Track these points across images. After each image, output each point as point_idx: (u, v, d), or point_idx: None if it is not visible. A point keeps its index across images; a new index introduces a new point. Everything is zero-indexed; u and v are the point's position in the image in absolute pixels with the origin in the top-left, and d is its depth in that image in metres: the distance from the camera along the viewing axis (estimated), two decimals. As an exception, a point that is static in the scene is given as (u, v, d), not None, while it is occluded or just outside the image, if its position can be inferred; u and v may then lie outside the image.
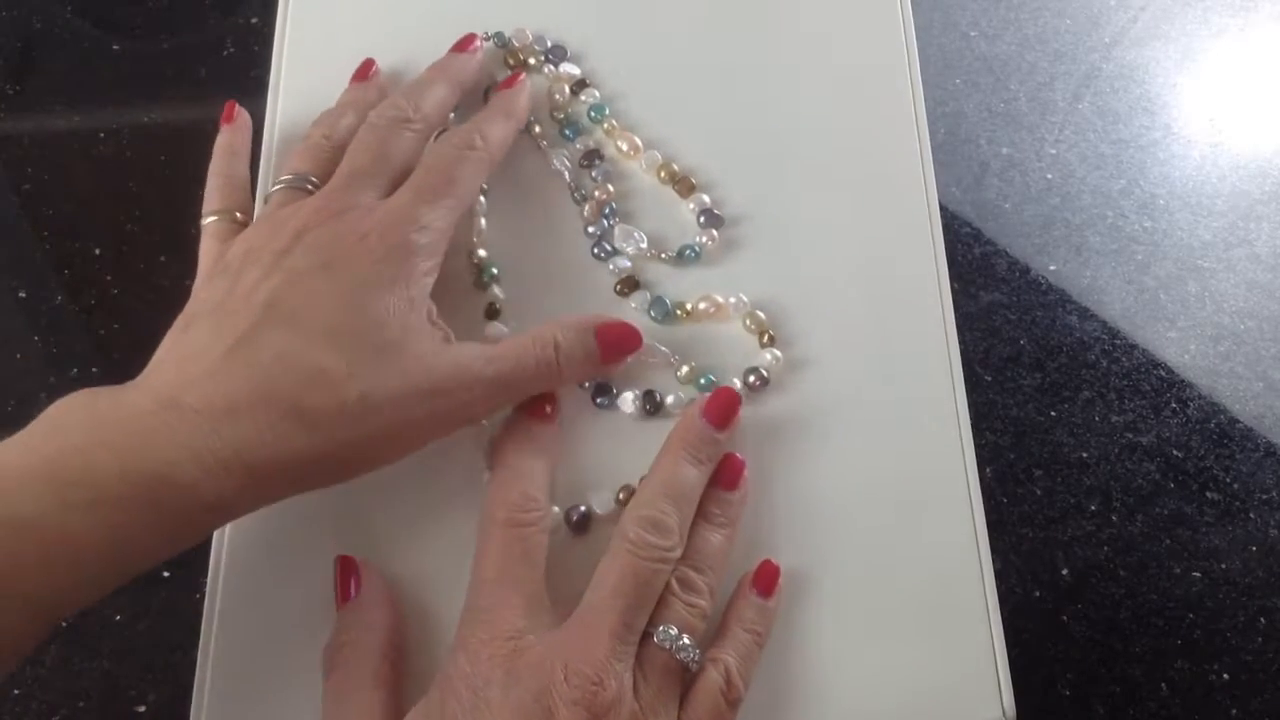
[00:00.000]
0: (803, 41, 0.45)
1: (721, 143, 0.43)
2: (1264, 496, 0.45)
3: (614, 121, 0.43)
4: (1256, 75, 0.55)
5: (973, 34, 0.55)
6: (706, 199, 0.41)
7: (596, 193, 0.42)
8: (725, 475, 0.36)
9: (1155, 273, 0.50)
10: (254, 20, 0.53)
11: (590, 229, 0.41)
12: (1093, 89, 0.54)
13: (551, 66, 0.44)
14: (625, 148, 0.42)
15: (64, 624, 0.41)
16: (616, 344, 0.37)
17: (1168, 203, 0.51)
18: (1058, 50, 0.55)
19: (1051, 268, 0.49)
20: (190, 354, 0.33)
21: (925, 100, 0.44)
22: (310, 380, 0.32)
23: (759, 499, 0.37)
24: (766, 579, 0.35)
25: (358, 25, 0.45)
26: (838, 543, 0.36)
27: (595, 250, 0.41)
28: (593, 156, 0.42)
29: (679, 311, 0.40)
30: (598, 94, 0.44)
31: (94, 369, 0.46)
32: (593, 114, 0.43)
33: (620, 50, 0.44)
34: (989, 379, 0.46)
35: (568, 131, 0.43)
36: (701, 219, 0.41)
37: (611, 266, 0.40)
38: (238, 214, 0.39)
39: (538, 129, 0.43)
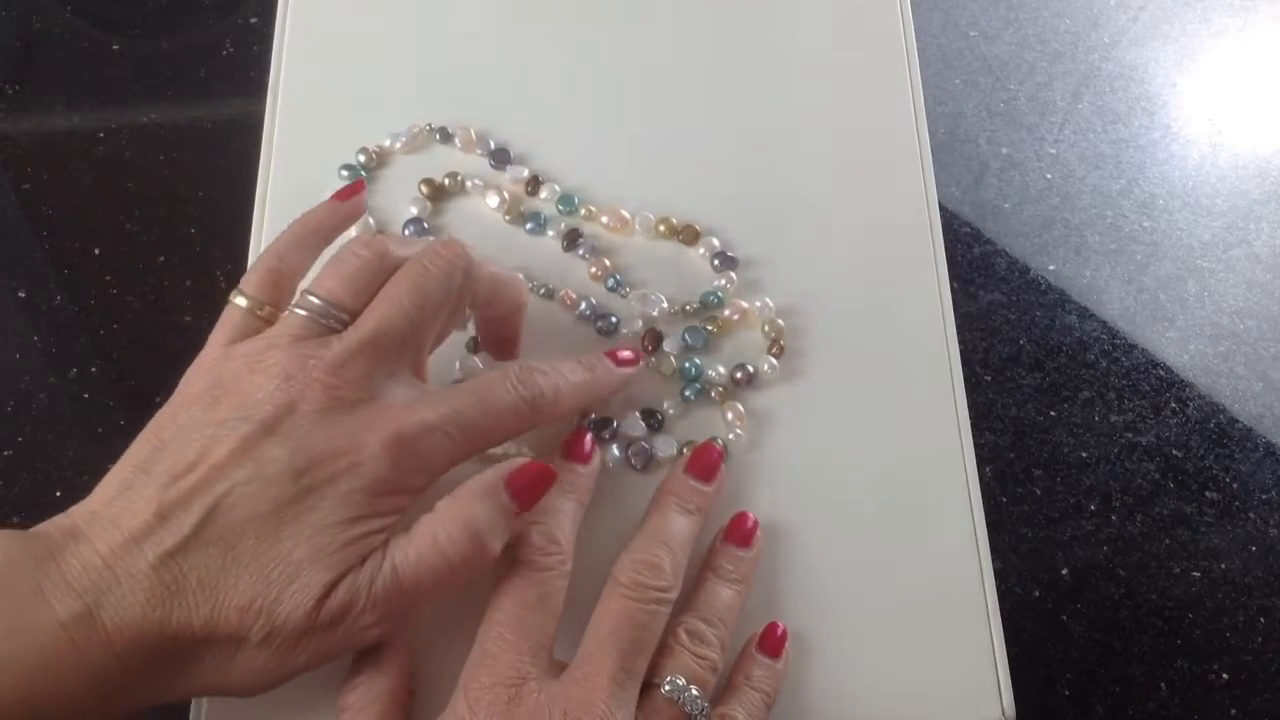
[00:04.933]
0: (802, 41, 0.45)
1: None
2: (1264, 496, 0.45)
3: (590, 207, 0.41)
4: (1256, 75, 0.55)
5: (972, 34, 0.55)
6: (716, 242, 0.41)
7: (593, 269, 0.40)
8: (737, 532, 0.36)
9: (1155, 272, 0.50)
10: (254, 20, 0.53)
11: (581, 308, 0.40)
12: (1092, 89, 0.54)
13: (497, 170, 0.42)
14: (611, 222, 0.41)
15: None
16: (531, 487, 0.33)
17: (1167, 202, 0.51)
18: (1057, 50, 0.55)
19: (1051, 267, 0.49)
20: (122, 541, 0.29)
21: (925, 100, 0.44)
22: (223, 619, 0.29)
23: (759, 498, 0.37)
24: (772, 643, 0.35)
25: (357, 25, 0.45)
26: (838, 543, 0.36)
27: (600, 326, 0.39)
28: (574, 236, 0.41)
29: (710, 328, 0.39)
30: (558, 188, 0.42)
31: (93, 369, 0.46)
32: (561, 207, 0.41)
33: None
34: (989, 379, 0.46)
35: (530, 225, 0.41)
36: (716, 262, 0.40)
37: (626, 331, 0.39)
38: (266, 308, 0.34)
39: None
